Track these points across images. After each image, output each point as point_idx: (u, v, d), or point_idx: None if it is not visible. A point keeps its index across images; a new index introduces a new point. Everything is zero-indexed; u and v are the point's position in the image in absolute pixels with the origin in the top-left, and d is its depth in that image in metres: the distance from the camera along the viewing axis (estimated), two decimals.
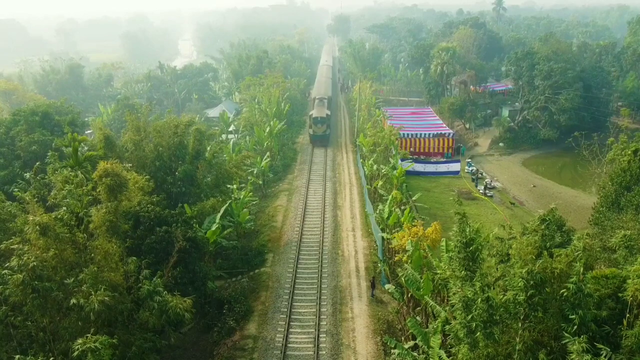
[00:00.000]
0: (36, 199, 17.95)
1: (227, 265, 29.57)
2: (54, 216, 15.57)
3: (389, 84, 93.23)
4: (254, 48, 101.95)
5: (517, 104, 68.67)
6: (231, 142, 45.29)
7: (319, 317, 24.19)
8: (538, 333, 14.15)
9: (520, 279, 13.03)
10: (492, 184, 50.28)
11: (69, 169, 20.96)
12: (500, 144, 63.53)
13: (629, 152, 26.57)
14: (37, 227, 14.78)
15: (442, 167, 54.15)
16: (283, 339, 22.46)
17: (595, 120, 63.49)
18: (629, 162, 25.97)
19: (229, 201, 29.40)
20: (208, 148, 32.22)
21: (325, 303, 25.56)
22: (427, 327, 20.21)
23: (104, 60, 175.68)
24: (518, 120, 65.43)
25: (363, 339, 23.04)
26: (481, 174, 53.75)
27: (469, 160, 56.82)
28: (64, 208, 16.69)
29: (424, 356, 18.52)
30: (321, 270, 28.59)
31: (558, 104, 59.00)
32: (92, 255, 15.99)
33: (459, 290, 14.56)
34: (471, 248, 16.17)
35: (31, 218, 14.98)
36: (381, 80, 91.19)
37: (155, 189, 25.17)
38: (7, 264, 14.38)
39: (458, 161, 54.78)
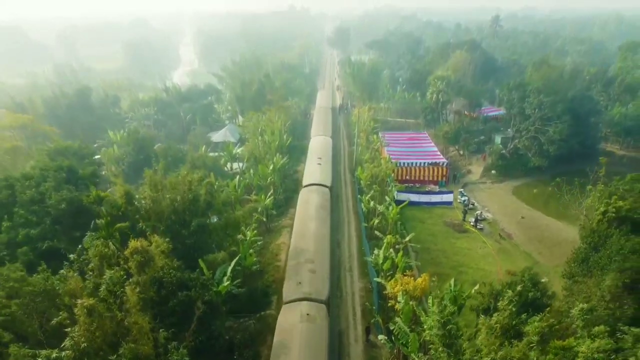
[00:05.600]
0: (77, 273, 20.79)
1: (235, 307, 32.33)
2: (97, 299, 18.41)
3: (387, 103, 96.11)
4: (255, 66, 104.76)
5: (509, 130, 71.56)
6: (237, 178, 48.12)
7: None
8: None
9: None
10: (483, 216, 53.15)
11: (102, 239, 23.81)
12: (493, 172, 66.43)
13: (599, 212, 29.45)
14: (85, 309, 17.63)
15: (436, 198, 56.99)
16: None
17: (584, 148, 66.50)
18: (598, 223, 28.86)
19: (239, 255, 32.18)
20: (222, 194, 35.01)
21: None
22: None
23: (107, 68, 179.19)
24: (510, 148, 68.33)
25: None
26: (473, 204, 56.66)
27: (461, 189, 59.71)
28: (103, 286, 19.53)
29: None
30: None
31: (547, 135, 61.88)
32: (129, 329, 18.84)
33: None
34: (448, 327, 19.00)
35: (79, 301, 17.80)
36: (379, 100, 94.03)
37: (171, 240, 28.04)
38: (63, 344, 17.23)
39: (451, 192, 57.65)
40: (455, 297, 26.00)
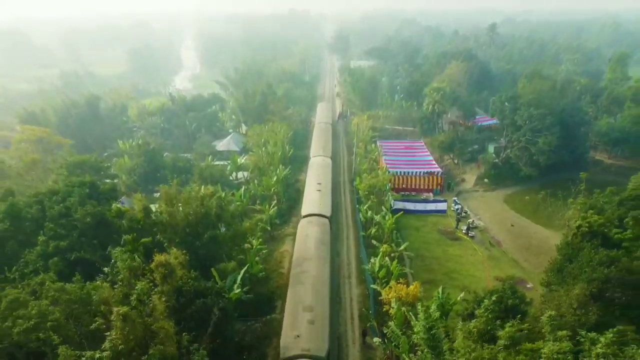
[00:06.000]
0: (108, 283, 23.80)
1: (242, 311, 35.31)
2: (130, 307, 21.39)
3: (386, 110, 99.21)
4: (257, 75, 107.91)
5: (502, 140, 74.64)
6: (242, 189, 51.15)
7: None
8: None
9: None
10: (475, 224, 56.15)
11: (129, 253, 26.82)
12: (485, 180, 69.45)
13: (574, 226, 32.44)
14: (121, 316, 20.64)
15: (431, 206, 59.96)
16: None
17: (574, 157, 69.61)
18: (573, 236, 31.86)
19: (248, 265, 35.17)
20: (230, 207, 38.05)
21: None
22: None
23: (111, 73, 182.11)
24: (502, 157, 71.38)
25: None
26: (465, 212, 59.66)
27: (455, 198, 62.69)
28: (134, 295, 22.48)
29: None
30: None
31: (537, 145, 64.87)
32: (156, 333, 21.82)
33: None
34: (432, 332, 21.97)
35: (116, 309, 20.78)
36: (378, 108, 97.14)
37: (186, 251, 30.99)
38: (103, 346, 20.21)
39: (445, 201, 60.64)
40: (442, 304, 28.97)
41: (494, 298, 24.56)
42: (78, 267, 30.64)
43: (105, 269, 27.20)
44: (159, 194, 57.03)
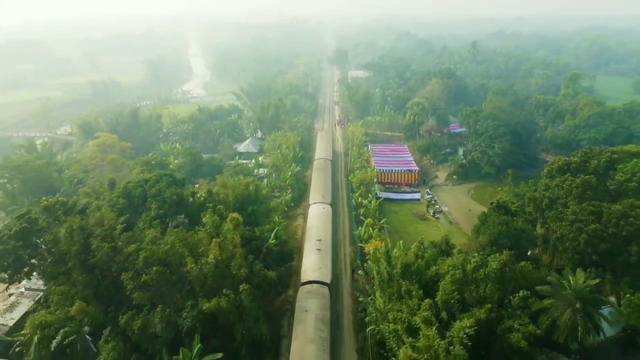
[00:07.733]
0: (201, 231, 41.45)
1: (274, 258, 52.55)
2: (221, 239, 38.70)
3: (377, 118, 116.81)
4: (267, 89, 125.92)
5: (468, 144, 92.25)
6: (265, 180, 68.72)
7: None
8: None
9: (399, 267, 36.27)
10: (440, 209, 73.66)
11: (212, 214, 44.18)
12: (454, 177, 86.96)
13: (490, 203, 49.95)
14: (218, 244, 38.09)
15: (407, 195, 77.51)
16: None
17: (528, 158, 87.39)
18: (488, 209, 49.39)
19: (277, 227, 52.67)
20: (263, 191, 55.47)
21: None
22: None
23: (131, 82, 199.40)
24: (468, 158, 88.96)
25: (347, 296, 46.41)
26: (435, 200, 77.16)
27: (428, 190, 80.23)
28: (221, 233, 39.81)
29: (373, 301, 41.75)
30: None
31: (494, 150, 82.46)
32: (235, 254, 39.20)
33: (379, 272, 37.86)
34: (389, 254, 39.21)
35: (214, 240, 38.15)
36: (372, 117, 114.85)
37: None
38: (209, 258, 37.49)
39: (419, 192, 78.21)
40: (401, 250, 46.42)
41: (423, 237, 41.97)
42: (162, 226, 47.99)
43: (204, 220, 44.75)
44: (198, 185, 74.81)
